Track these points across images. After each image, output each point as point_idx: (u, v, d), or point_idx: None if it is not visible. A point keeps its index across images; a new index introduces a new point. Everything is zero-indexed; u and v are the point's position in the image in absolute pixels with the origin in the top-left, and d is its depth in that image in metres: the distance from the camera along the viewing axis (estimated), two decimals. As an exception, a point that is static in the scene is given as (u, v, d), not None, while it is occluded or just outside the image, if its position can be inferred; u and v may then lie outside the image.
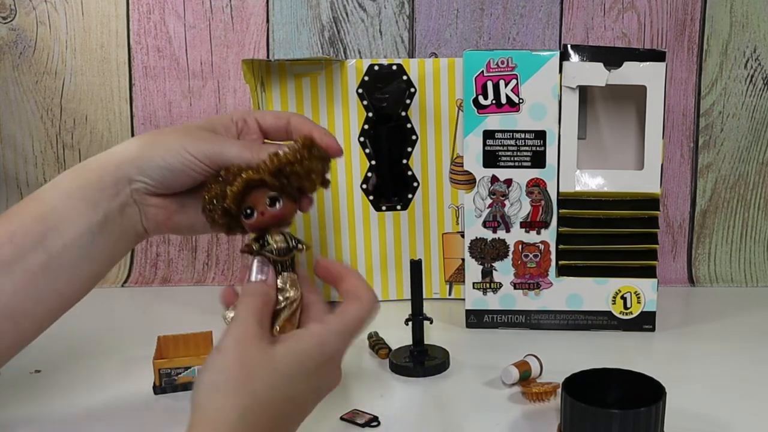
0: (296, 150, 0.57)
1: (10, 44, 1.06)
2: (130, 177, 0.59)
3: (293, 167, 0.56)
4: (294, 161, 0.56)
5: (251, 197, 0.56)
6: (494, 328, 0.89)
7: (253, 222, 0.56)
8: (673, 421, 0.62)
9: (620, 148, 0.88)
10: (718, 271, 1.06)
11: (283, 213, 0.57)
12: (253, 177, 0.56)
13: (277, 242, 0.57)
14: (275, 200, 0.56)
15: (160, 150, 0.59)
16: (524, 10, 1.04)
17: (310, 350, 0.52)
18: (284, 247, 0.57)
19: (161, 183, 0.60)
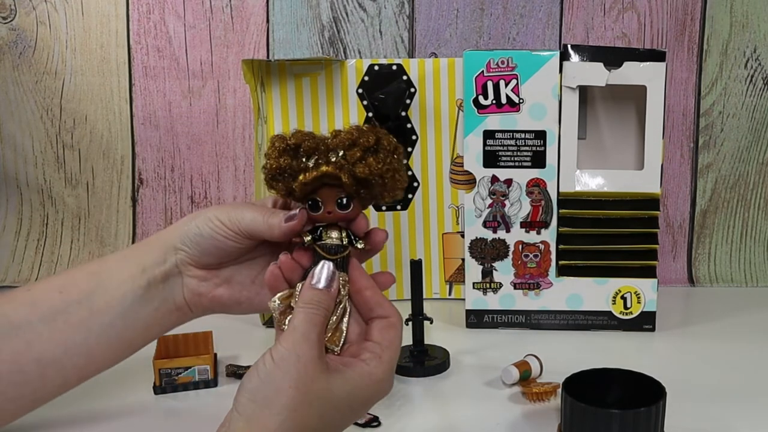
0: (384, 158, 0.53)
1: (10, 44, 1.06)
2: (175, 246, 0.61)
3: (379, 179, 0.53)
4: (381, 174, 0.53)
5: (322, 191, 0.53)
6: (494, 328, 0.89)
7: (317, 216, 0.54)
8: (673, 421, 0.62)
9: (620, 148, 0.88)
10: (718, 271, 1.06)
11: (351, 215, 0.54)
12: (331, 173, 0.52)
13: (331, 238, 0.54)
14: (347, 204, 0.53)
15: (196, 219, 0.60)
16: (524, 10, 1.04)
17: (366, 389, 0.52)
18: (336, 245, 0.54)
19: (198, 250, 0.60)
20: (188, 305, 0.62)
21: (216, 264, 0.61)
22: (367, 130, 0.53)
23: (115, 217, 1.10)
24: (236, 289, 0.62)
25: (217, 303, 0.62)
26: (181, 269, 0.61)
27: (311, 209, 0.54)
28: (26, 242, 1.09)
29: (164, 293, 0.61)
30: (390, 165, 0.53)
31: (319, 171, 0.52)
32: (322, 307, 0.53)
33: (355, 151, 0.52)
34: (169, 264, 0.61)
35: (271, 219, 0.57)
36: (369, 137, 0.53)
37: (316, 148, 0.53)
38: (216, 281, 0.62)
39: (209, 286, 0.62)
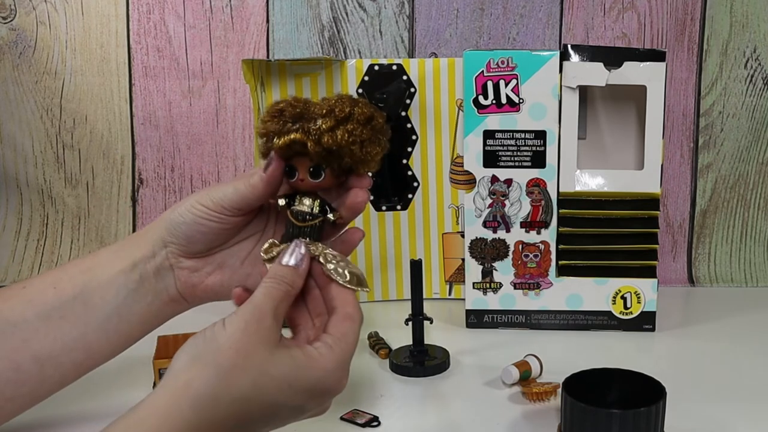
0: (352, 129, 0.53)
1: (10, 44, 1.06)
2: (163, 239, 0.61)
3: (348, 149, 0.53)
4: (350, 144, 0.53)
5: (296, 159, 0.54)
6: (494, 328, 0.89)
7: (293, 183, 0.55)
8: (673, 421, 0.62)
9: (620, 148, 0.88)
10: (718, 271, 1.06)
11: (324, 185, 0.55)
12: (299, 140, 0.52)
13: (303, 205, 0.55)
14: (318, 171, 0.54)
15: (179, 208, 0.60)
16: (524, 10, 1.04)
17: (309, 372, 0.50)
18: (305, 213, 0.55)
19: (183, 239, 0.60)
20: (183, 297, 0.62)
21: (205, 251, 0.61)
22: (347, 100, 0.53)
23: (115, 217, 1.10)
24: (227, 274, 0.62)
25: (211, 292, 0.63)
26: (172, 262, 0.61)
27: (288, 175, 0.55)
28: (26, 242, 1.09)
29: (157, 287, 0.61)
30: (358, 136, 0.53)
31: (288, 138, 0.52)
32: (285, 282, 0.52)
33: (327, 120, 0.52)
34: (159, 258, 0.61)
35: (252, 179, 0.57)
36: (344, 107, 0.53)
37: (299, 115, 0.53)
38: (208, 269, 0.62)
39: (201, 275, 0.62)
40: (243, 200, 0.58)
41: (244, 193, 0.57)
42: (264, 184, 0.56)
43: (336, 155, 0.53)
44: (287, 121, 0.53)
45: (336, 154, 0.53)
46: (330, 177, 0.54)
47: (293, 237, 0.55)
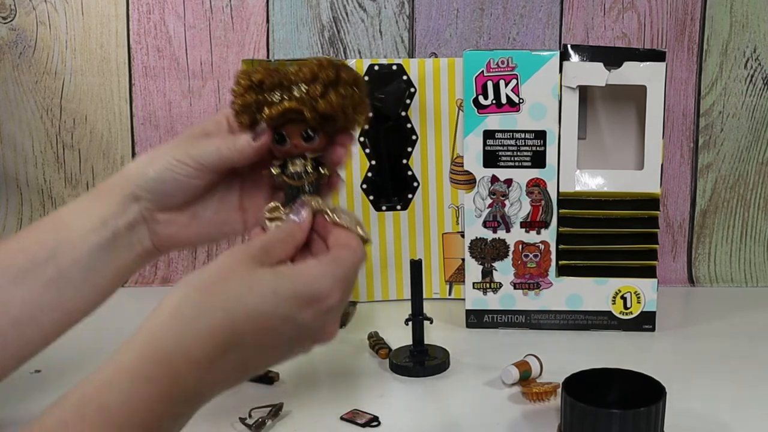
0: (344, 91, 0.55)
1: (10, 44, 1.06)
2: (135, 194, 0.60)
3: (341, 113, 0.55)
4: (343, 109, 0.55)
5: (287, 126, 0.56)
6: (494, 328, 0.89)
7: (284, 150, 0.56)
8: (673, 421, 0.62)
9: (620, 148, 0.88)
10: (718, 271, 1.06)
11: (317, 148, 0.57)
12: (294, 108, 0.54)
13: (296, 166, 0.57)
14: (311, 137, 0.56)
15: (152, 164, 0.60)
16: (524, 10, 1.04)
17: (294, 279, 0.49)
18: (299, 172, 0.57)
19: (160, 195, 0.60)
20: (157, 248, 0.63)
21: (180, 204, 0.61)
22: (328, 64, 0.55)
23: (115, 217, 1.09)
24: (202, 224, 0.63)
25: (187, 241, 0.63)
26: (146, 216, 0.61)
27: (278, 143, 0.56)
28: (26, 242, 1.09)
29: (131, 240, 0.61)
30: (351, 98, 0.55)
31: (283, 107, 0.54)
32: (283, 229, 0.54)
33: (316, 86, 0.54)
34: (131, 213, 0.61)
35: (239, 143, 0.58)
36: (329, 72, 0.55)
37: (280, 84, 0.55)
38: (183, 221, 0.62)
39: (176, 227, 0.62)
40: (225, 162, 0.59)
41: (228, 156, 0.58)
42: (254, 151, 0.57)
43: (330, 119, 0.55)
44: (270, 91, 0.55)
45: (330, 118, 0.55)
46: (322, 140, 0.57)
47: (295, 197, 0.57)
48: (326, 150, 0.58)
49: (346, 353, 0.83)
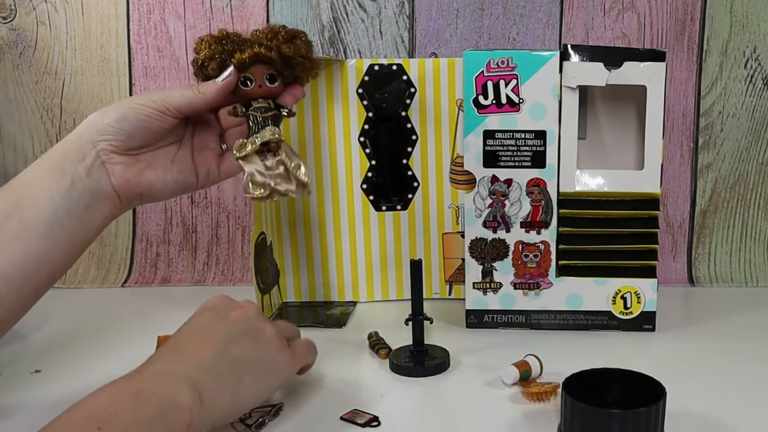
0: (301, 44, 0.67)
1: (10, 44, 1.06)
2: (92, 139, 0.64)
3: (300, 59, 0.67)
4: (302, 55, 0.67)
5: (253, 69, 0.66)
6: (494, 328, 0.89)
7: (248, 91, 0.67)
8: (673, 421, 0.62)
9: (620, 148, 0.88)
10: (718, 271, 1.06)
11: (276, 91, 0.68)
12: (262, 53, 0.65)
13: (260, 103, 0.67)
14: (274, 78, 0.67)
15: (112, 110, 0.65)
16: (524, 10, 1.04)
17: None
18: (265, 107, 0.67)
19: (120, 135, 0.64)
20: (117, 194, 0.66)
21: (137, 147, 0.66)
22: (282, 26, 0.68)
23: (115, 217, 1.09)
24: (160, 170, 0.68)
25: (146, 185, 0.67)
26: (103, 159, 0.64)
27: (242, 85, 0.67)
28: (26, 242, 1.09)
29: (91, 185, 0.64)
30: (307, 50, 0.68)
31: (253, 51, 0.65)
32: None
33: (278, 38, 0.67)
34: (89, 158, 0.64)
35: (203, 87, 0.67)
36: (286, 29, 0.68)
37: (242, 40, 0.67)
38: (140, 165, 0.66)
39: (135, 170, 0.66)
40: (189, 104, 0.66)
41: (191, 98, 0.66)
42: (219, 91, 0.66)
43: (289, 65, 0.67)
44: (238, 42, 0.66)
45: (290, 64, 0.67)
46: (281, 84, 0.68)
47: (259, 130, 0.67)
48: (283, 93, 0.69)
49: (346, 353, 0.83)
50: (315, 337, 0.71)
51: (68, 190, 0.63)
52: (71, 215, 0.63)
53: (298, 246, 0.98)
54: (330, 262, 0.98)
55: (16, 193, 0.63)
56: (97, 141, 0.64)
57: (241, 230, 1.10)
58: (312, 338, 0.72)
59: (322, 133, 0.94)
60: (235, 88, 0.67)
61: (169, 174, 0.68)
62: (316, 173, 0.95)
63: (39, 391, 0.75)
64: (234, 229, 1.10)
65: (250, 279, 1.07)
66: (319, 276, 0.98)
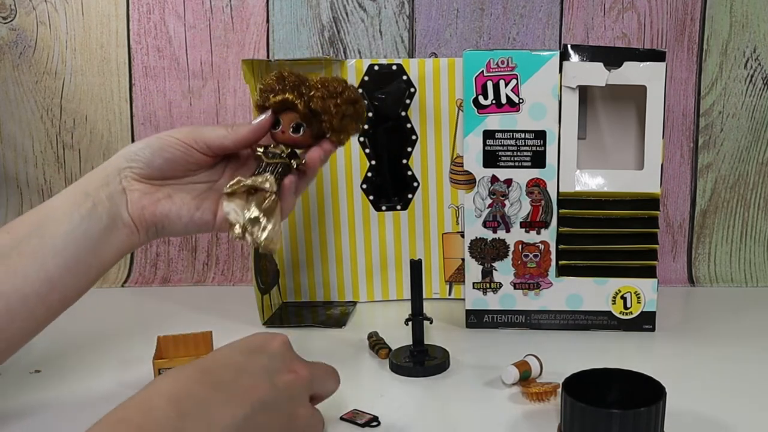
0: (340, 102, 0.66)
1: (10, 44, 1.06)
2: (119, 167, 0.66)
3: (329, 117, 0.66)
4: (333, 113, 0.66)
5: (284, 114, 0.67)
6: (494, 328, 0.89)
7: (275, 134, 0.67)
8: (673, 421, 0.62)
9: (620, 148, 0.88)
10: (718, 271, 1.06)
11: (298, 141, 0.67)
12: (289, 99, 0.66)
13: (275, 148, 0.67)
14: (299, 128, 0.67)
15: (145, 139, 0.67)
16: (524, 10, 1.04)
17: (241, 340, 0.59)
18: (276, 153, 0.67)
19: (144, 163, 0.65)
20: (132, 221, 0.66)
21: (160, 178, 0.67)
22: (341, 81, 0.67)
23: (115, 217, 1.09)
24: (177, 203, 0.67)
25: (159, 216, 0.67)
26: (125, 185, 0.65)
27: (273, 127, 0.67)
28: (26, 242, 1.09)
29: (110, 210, 0.65)
30: (343, 109, 0.66)
31: (283, 96, 0.66)
32: None
33: (321, 90, 0.66)
34: (113, 184, 0.65)
35: (236, 126, 0.67)
36: (337, 85, 0.66)
37: (299, 83, 0.67)
38: (158, 195, 0.67)
39: (152, 199, 0.66)
40: (219, 141, 0.67)
41: (221, 136, 0.67)
42: (251, 132, 0.67)
43: (318, 118, 0.66)
44: (286, 84, 0.66)
45: (318, 118, 0.66)
46: (307, 135, 0.67)
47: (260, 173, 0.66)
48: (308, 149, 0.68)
49: (346, 353, 0.83)
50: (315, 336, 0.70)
51: (88, 212, 0.64)
52: (89, 237, 0.63)
53: (298, 246, 0.98)
54: (330, 262, 0.98)
55: (40, 214, 0.64)
56: (122, 168, 0.65)
57: (241, 230, 1.09)
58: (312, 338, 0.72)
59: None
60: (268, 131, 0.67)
61: (185, 209, 0.67)
62: (316, 173, 0.95)
63: (39, 391, 0.75)
64: (234, 229, 1.10)
65: (250, 279, 1.07)
66: (319, 276, 0.98)
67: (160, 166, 0.66)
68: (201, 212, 0.68)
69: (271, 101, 0.66)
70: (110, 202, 0.65)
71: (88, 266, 0.64)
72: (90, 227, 0.63)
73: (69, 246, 0.62)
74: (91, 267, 0.64)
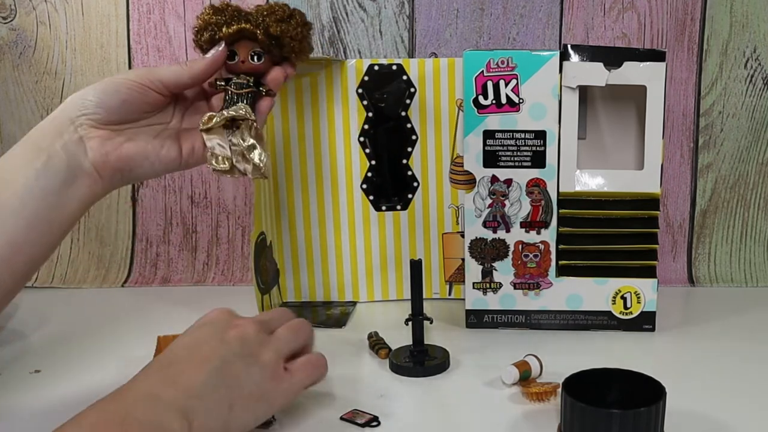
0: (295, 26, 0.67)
1: (10, 44, 1.06)
2: (71, 116, 0.63)
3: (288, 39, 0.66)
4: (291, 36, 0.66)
5: (239, 44, 0.66)
6: (494, 328, 0.89)
7: (233, 66, 0.67)
8: (673, 421, 0.62)
9: (620, 148, 0.88)
10: (718, 271, 1.06)
11: (261, 68, 0.68)
12: (247, 29, 0.65)
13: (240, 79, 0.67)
14: (259, 56, 0.67)
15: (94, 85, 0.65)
16: (524, 10, 1.04)
17: None
18: (243, 83, 0.67)
19: (100, 108, 0.63)
20: (96, 169, 0.63)
21: (118, 122, 0.65)
22: (285, 5, 0.68)
23: (115, 217, 1.10)
24: (141, 145, 0.66)
25: (125, 159, 0.65)
26: (82, 134, 0.63)
27: (228, 59, 0.67)
28: (26, 242, 1.09)
29: (68, 161, 0.62)
30: (298, 33, 0.67)
31: (239, 26, 0.65)
32: None
33: (273, 16, 0.66)
34: (67, 134, 0.62)
35: (191, 62, 0.67)
36: (284, 9, 0.67)
37: (240, 12, 0.67)
38: (120, 139, 0.65)
39: (114, 143, 0.64)
40: (175, 78, 0.66)
41: (177, 72, 0.66)
42: (207, 65, 0.66)
43: (278, 44, 0.67)
44: (232, 15, 0.66)
45: (278, 43, 0.67)
46: (267, 62, 0.68)
47: (231, 104, 0.66)
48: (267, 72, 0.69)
49: (346, 353, 0.83)
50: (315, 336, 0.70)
51: (44, 166, 0.61)
52: (48, 192, 0.61)
53: (298, 246, 0.98)
54: (330, 262, 0.98)
55: None
56: (75, 117, 0.63)
57: (241, 230, 1.10)
58: (312, 338, 0.72)
59: (321, 133, 0.94)
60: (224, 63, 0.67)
61: (150, 147, 0.66)
62: (316, 173, 0.95)
63: (39, 391, 0.75)
64: (234, 229, 1.10)
65: (250, 279, 1.07)
66: (319, 276, 0.98)
67: (118, 109, 0.64)
68: (166, 150, 0.67)
69: (225, 33, 0.66)
70: (66, 153, 0.62)
71: (51, 222, 0.62)
72: (47, 182, 0.61)
73: (27, 204, 0.60)
74: (53, 223, 0.62)
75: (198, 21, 0.67)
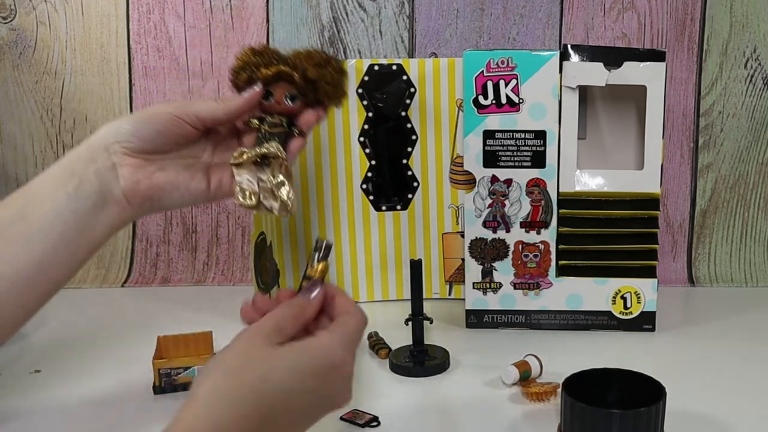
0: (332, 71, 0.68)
1: (10, 44, 1.06)
2: (105, 143, 0.63)
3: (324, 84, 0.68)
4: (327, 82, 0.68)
5: (276, 85, 0.68)
6: (494, 328, 0.89)
7: (266, 105, 0.68)
8: (673, 421, 0.62)
9: (620, 148, 0.88)
10: (718, 271, 1.06)
11: (294, 110, 0.69)
12: (285, 71, 0.67)
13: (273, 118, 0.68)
14: (294, 98, 0.68)
15: (132, 115, 0.65)
16: (524, 10, 1.04)
17: (311, 352, 0.52)
18: (276, 123, 0.68)
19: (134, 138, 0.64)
20: (126, 196, 0.64)
21: (151, 152, 0.65)
22: (321, 50, 0.69)
23: (115, 217, 1.09)
24: (171, 175, 0.66)
25: (155, 188, 0.65)
26: (115, 161, 0.63)
27: (263, 98, 0.68)
28: (26, 242, 1.09)
29: (99, 187, 0.62)
30: (334, 79, 0.68)
31: (278, 68, 0.67)
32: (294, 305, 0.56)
33: (308, 61, 0.68)
34: (100, 160, 0.63)
35: (227, 99, 0.67)
36: (322, 55, 0.69)
37: (278, 54, 0.68)
38: (151, 168, 0.65)
39: (145, 172, 0.65)
40: (210, 114, 0.66)
41: (213, 108, 0.66)
42: (242, 104, 0.67)
43: (313, 88, 0.68)
44: (271, 57, 0.68)
45: (314, 87, 0.68)
46: (301, 104, 0.69)
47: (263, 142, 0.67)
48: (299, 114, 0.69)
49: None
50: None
51: (75, 191, 0.61)
52: (77, 216, 0.61)
53: (298, 246, 0.97)
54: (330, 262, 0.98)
55: (24, 197, 0.61)
56: (110, 144, 0.63)
57: (241, 230, 1.10)
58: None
59: (322, 133, 0.94)
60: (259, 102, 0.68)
61: (181, 178, 0.66)
62: (316, 173, 0.95)
63: (39, 391, 0.75)
64: (234, 229, 1.10)
65: (250, 279, 1.07)
66: (319, 276, 0.98)
67: (152, 139, 0.64)
68: (196, 182, 0.67)
69: (264, 73, 0.67)
70: (98, 178, 0.62)
71: (77, 245, 0.62)
72: (77, 206, 0.61)
73: (56, 227, 0.60)
74: (80, 246, 0.62)
75: (237, 61, 0.69)
